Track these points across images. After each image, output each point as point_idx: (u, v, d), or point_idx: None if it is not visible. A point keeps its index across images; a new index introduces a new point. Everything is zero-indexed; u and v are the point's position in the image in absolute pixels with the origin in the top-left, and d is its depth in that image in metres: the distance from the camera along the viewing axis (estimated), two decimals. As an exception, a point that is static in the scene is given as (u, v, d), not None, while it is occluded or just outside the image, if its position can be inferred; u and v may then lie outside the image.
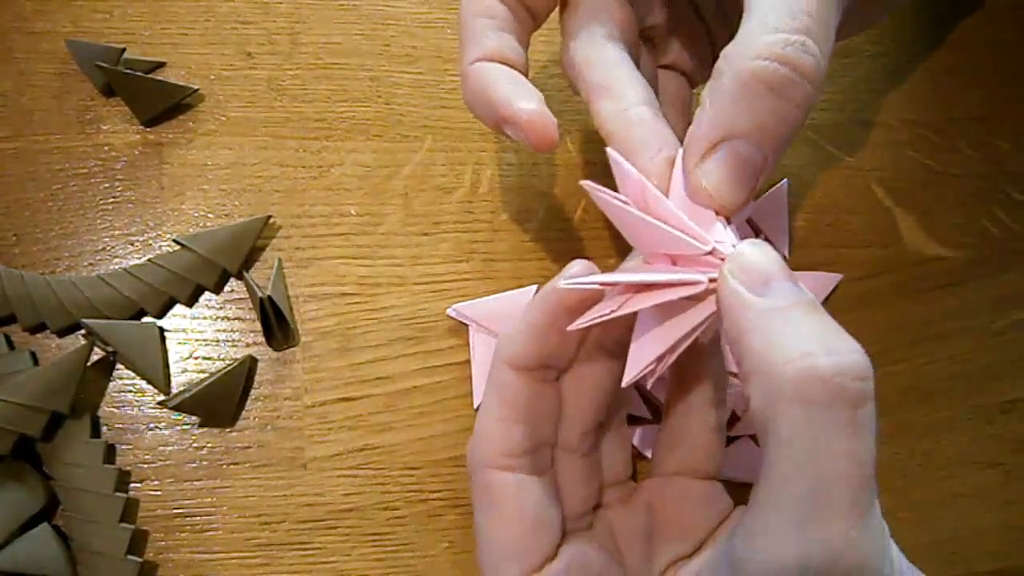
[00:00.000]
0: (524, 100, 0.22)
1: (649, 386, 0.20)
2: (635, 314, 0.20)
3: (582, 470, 0.24)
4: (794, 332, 0.16)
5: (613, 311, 0.19)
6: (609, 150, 0.21)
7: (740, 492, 0.30)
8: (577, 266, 0.21)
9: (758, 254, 0.18)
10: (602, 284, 0.19)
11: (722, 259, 0.18)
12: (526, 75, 0.24)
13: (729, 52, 0.19)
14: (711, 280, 0.18)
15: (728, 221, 0.20)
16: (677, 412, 0.24)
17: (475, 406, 0.30)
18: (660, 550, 0.24)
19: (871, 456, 0.16)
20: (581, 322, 0.20)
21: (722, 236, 0.19)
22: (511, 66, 0.23)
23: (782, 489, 0.16)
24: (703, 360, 0.24)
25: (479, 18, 0.23)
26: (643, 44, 0.27)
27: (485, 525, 0.22)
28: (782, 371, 0.16)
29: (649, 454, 0.29)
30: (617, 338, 0.22)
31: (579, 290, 0.20)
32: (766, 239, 0.32)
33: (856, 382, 0.16)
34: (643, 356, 0.19)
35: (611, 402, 0.24)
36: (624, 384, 0.20)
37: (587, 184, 0.20)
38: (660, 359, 0.19)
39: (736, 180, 0.19)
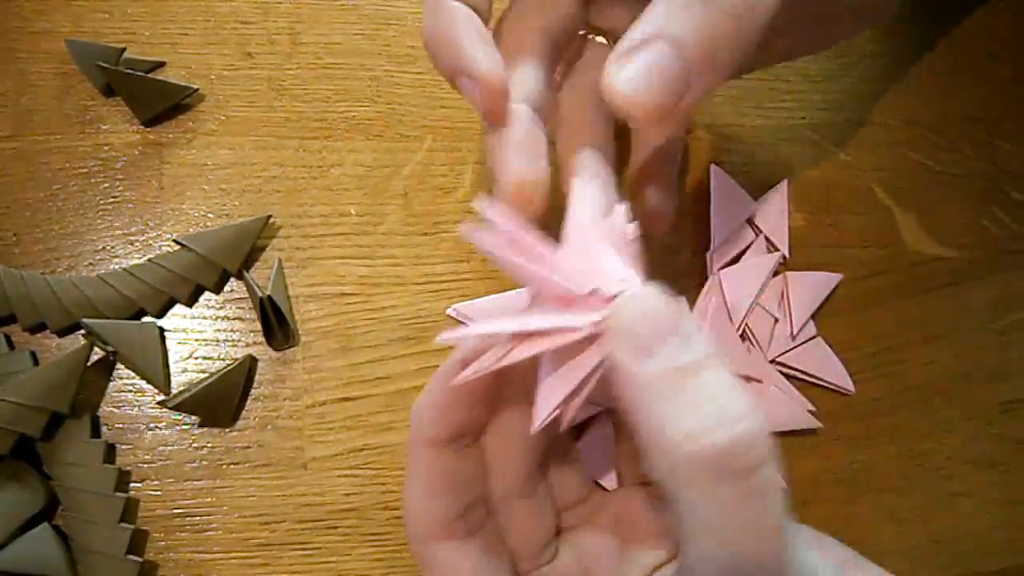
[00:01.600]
0: (488, 60, 0.20)
1: (563, 428, 0.19)
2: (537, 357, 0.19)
3: (530, 510, 0.23)
4: (682, 405, 0.16)
5: (498, 360, 0.18)
6: (477, 204, 0.19)
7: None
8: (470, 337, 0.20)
9: (639, 310, 0.17)
10: (481, 335, 0.18)
11: (607, 300, 0.18)
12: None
13: None
14: (594, 323, 0.17)
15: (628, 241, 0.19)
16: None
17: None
18: (634, 562, 0.23)
19: (777, 513, 0.16)
20: (466, 374, 0.19)
21: (609, 273, 0.18)
22: (480, 16, 0.22)
23: (700, 558, 0.16)
24: None
25: None
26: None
27: None
28: (674, 451, 0.16)
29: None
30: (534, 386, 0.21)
31: (466, 352, 0.20)
32: (766, 239, 0.32)
33: (749, 451, 0.15)
34: (549, 401, 0.19)
35: (548, 440, 0.23)
36: (533, 431, 0.19)
37: (466, 229, 0.18)
38: (566, 402, 0.19)
39: (651, 85, 0.18)
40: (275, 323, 0.29)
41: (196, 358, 0.29)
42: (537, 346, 0.18)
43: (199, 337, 0.30)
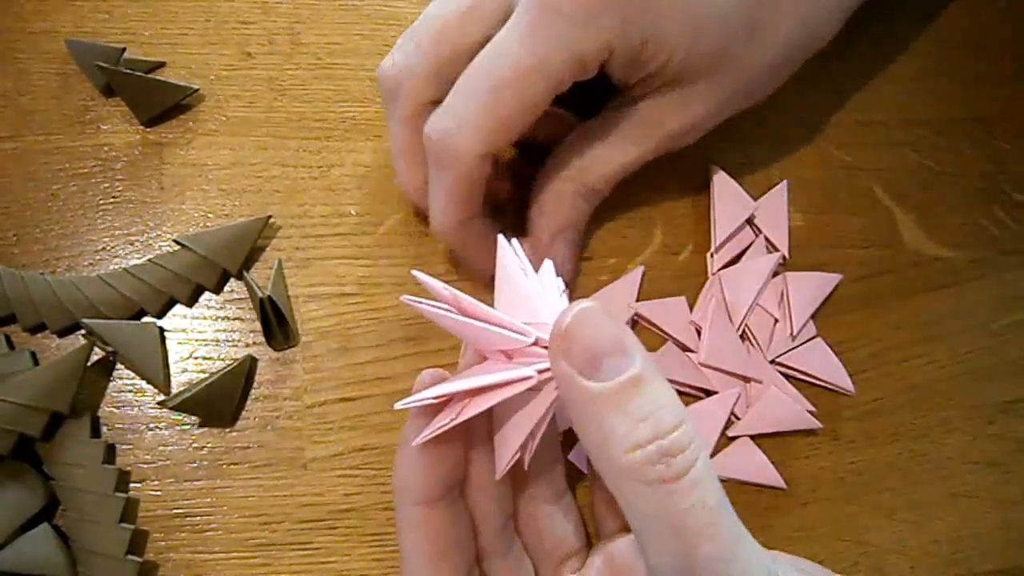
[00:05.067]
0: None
1: (527, 467, 0.21)
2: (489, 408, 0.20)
3: (507, 569, 0.24)
4: (622, 420, 0.17)
5: (453, 419, 0.19)
6: (413, 272, 0.21)
7: (739, 493, 0.30)
8: (426, 378, 0.21)
9: (587, 329, 0.18)
10: (435, 398, 0.19)
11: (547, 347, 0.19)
12: None
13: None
14: (540, 372, 0.19)
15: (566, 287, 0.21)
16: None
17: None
18: None
19: (715, 499, 0.17)
20: (424, 435, 0.20)
21: (547, 322, 0.19)
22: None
23: (654, 555, 0.18)
24: None
25: None
26: None
27: None
28: (617, 460, 0.17)
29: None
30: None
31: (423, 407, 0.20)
32: (766, 239, 0.32)
33: (679, 456, 0.17)
34: (508, 447, 0.20)
35: (522, 490, 0.23)
36: (497, 477, 0.20)
37: (406, 299, 0.20)
38: (523, 446, 0.20)
39: (569, 257, 0.28)
40: (275, 323, 0.29)
41: (196, 358, 0.29)
42: (489, 400, 0.19)
43: (199, 337, 0.30)
